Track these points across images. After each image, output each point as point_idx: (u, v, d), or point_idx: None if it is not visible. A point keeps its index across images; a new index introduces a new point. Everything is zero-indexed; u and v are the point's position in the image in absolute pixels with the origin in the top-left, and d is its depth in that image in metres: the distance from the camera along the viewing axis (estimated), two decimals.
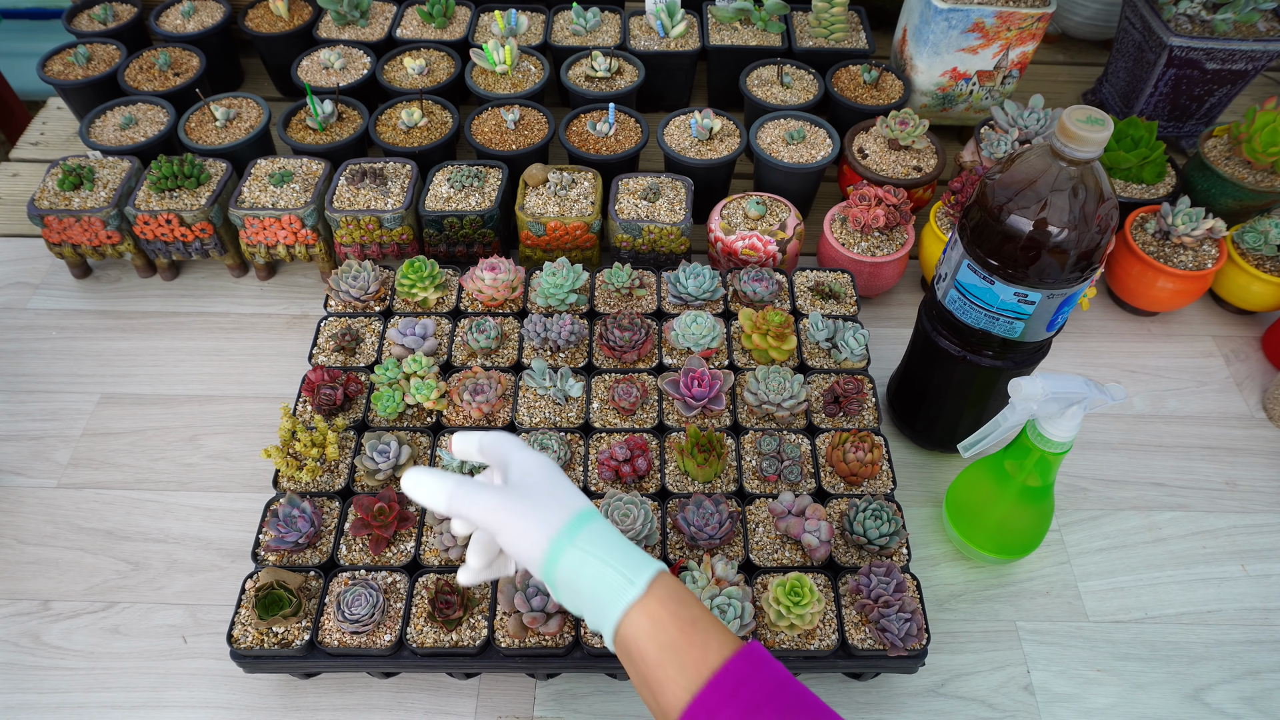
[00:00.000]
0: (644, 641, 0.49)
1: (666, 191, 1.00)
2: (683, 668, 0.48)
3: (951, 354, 0.78)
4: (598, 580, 0.50)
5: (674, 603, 0.50)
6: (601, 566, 0.50)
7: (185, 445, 0.90)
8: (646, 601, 0.49)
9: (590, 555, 0.50)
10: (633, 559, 0.51)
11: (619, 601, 0.49)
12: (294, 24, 1.23)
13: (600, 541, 0.51)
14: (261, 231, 0.98)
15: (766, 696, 0.47)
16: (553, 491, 0.54)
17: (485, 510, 0.53)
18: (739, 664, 0.48)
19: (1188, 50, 1.08)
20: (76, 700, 0.73)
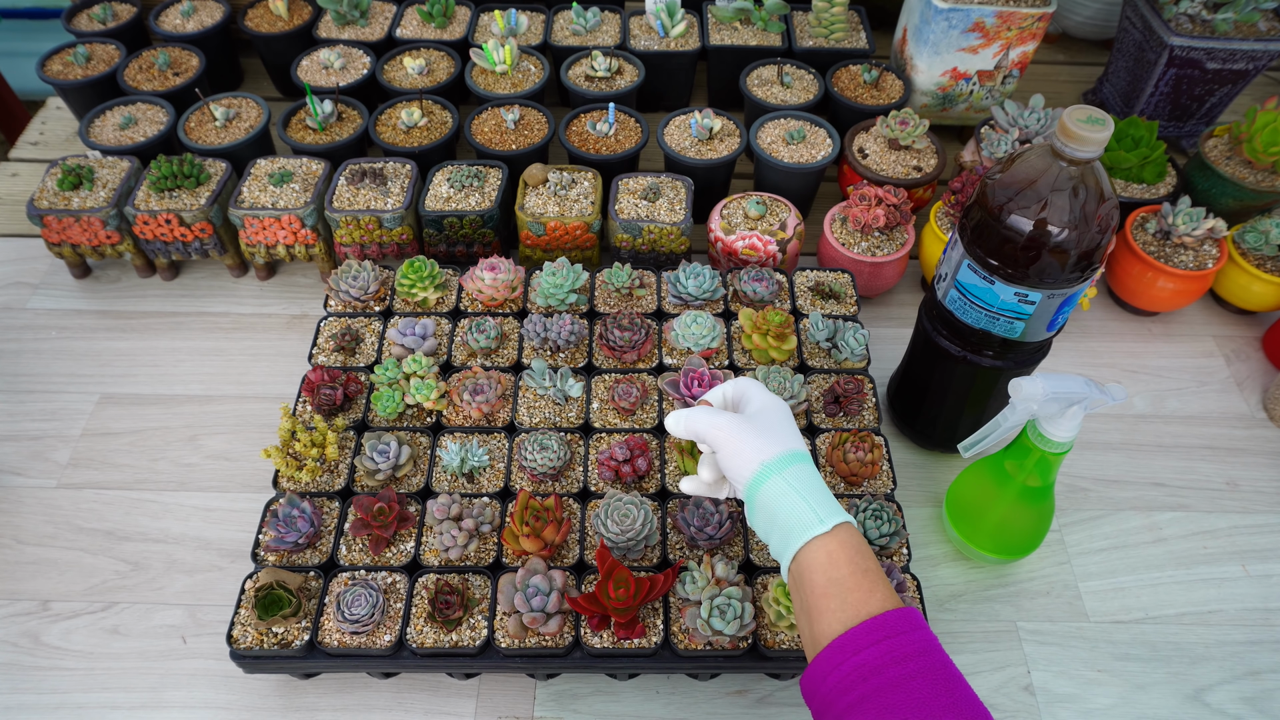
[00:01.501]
0: (816, 573, 0.53)
1: (666, 191, 1.00)
2: (844, 604, 0.52)
3: (951, 354, 0.78)
4: (791, 510, 0.55)
5: (853, 549, 0.54)
6: (798, 500, 0.55)
7: (185, 445, 0.90)
8: (828, 539, 0.54)
9: (791, 488, 0.56)
10: (827, 502, 0.56)
11: (805, 533, 0.54)
12: (294, 24, 1.23)
13: (804, 480, 0.57)
14: (261, 231, 0.98)
15: (913, 653, 0.49)
16: (777, 427, 0.60)
17: (713, 427, 0.60)
18: (897, 618, 0.50)
19: (1188, 50, 1.08)
20: (76, 700, 0.73)
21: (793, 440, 0.59)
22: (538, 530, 0.70)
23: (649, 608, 0.70)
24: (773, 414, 0.61)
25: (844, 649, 0.50)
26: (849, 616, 0.51)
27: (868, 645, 0.49)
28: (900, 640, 0.49)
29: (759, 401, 0.62)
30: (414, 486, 0.78)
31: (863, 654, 0.49)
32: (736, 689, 0.74)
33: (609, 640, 0.68)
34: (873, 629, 0.50)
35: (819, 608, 0.52)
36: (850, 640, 0.50)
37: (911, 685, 0.48)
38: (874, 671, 0.48)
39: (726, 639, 0.67)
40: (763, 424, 0.60)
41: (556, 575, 0.69)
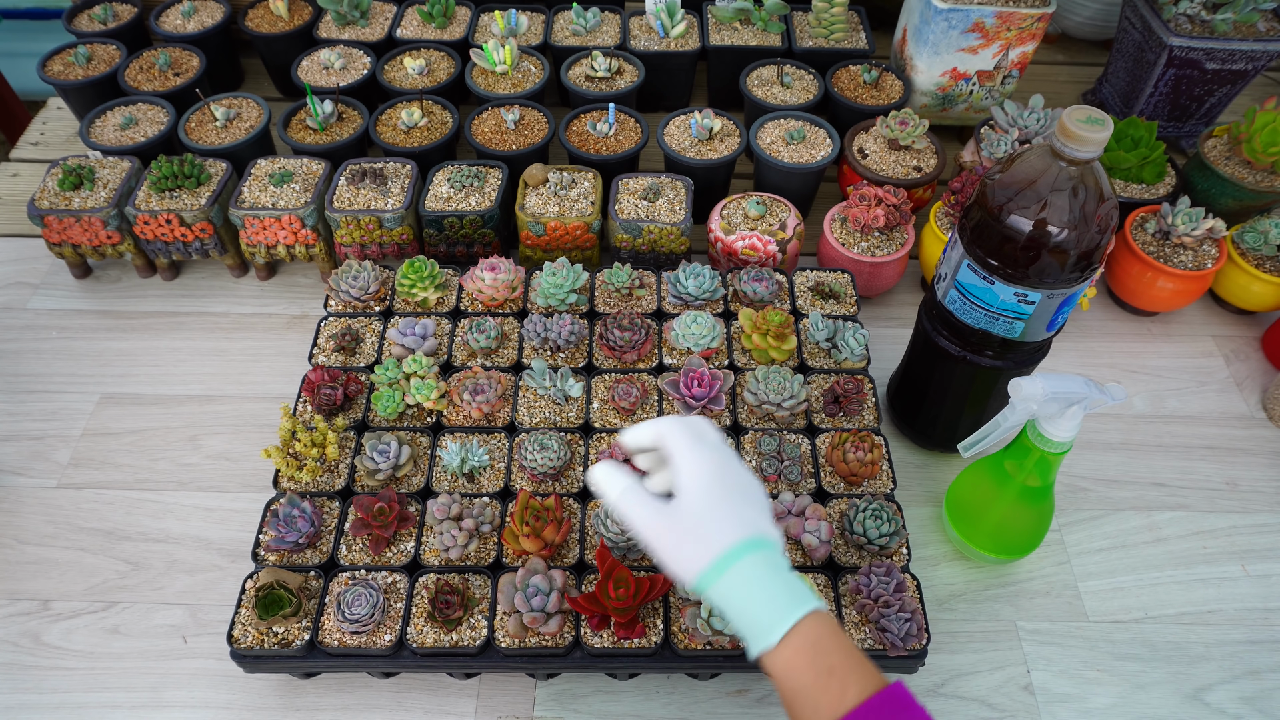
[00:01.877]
0: (780, 682, 0.51)
1: (666, 191, 1.00)
2: (817, 710, 0.49)
3: (951, 354, 0.78)
4: (737, 620, 0.52)
5: (810, 651, 0.50)
6: (740, 612, 0.51)
7: (185, 445, 0.90)
8: (781, 650, 0.50)
9: (734, 596, 0.51)
10: (776, 606, 0.51)
11: (755, 645, 0.51)
12: (294, 24, 1.23)
13: (747, 582, 0.51)
14: (261, 231, 0.98)
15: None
16: (712, 514, 0.53)
17: (642, 526, 0.54)
18: (877, 705, 0.48)
19: (1188, 50, 1.08)
20: (76, 700, 0.73)
21: (729, 530, 0.52)
22: (538, 530, 0.70)
23: (649, 608, 0.70)
24: (702, 493, 0.53)
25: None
26: (831, 715, 0.48)
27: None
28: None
29: (686, 474, 0.54)
30: (414, 486, 0.78)
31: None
32: (736, 689, 0.74)
33: (609, 640, 0.68)
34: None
35: (795, 710, 0.50)
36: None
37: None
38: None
39: (726, 639, 0.67)
40: (694, 515, 0.53)
41: (556, 575, 0.69)
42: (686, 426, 0.56)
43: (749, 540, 0.52)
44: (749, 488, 0.55)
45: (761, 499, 0.56)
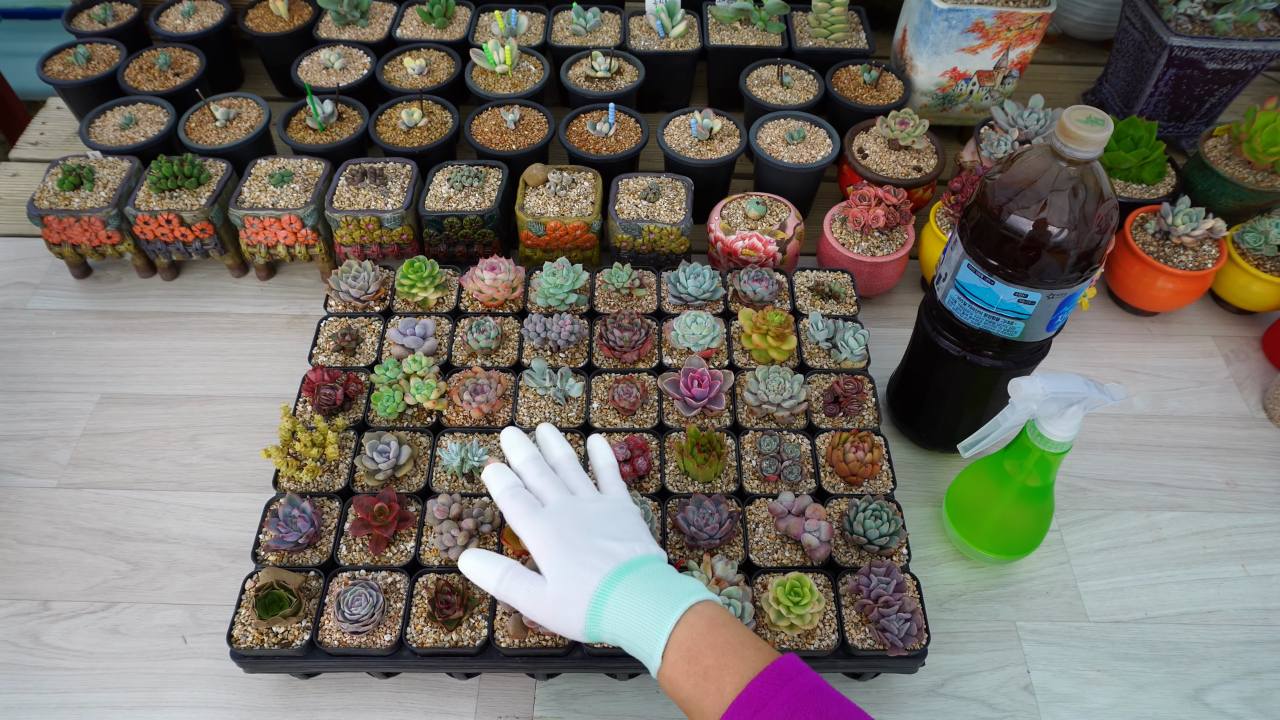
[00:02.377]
0: (673, 697, 0.54)
1: (666, 191, 1.00)
2: (704, 715, 0.51)
3: (951, 354, 0.78)
4: (632, 653, 0.56)
5: (685, 663, 0.52)
6: (630, 646, 0.55)
7: (185, 445, 0.90)
8: (665, 669, 0.53)
9: (619, 636, 0.55)
10: (649, 629, 0.54)
11: (650, 671, 0.55)
12: (294, 24, 1.23)
13: (618, 621, 0.55)
14: (261, 231, 0.98)
15: (790, 710, 0.48)
16: (565, 577, 0.57)
17: (525, 609, 0.59)
18: (758, 687, 0.50)
19: (1188, 50, 1.08)
20: (76, 700, 0.73)
21: (584, 583, 0.56)
22: None
23: None
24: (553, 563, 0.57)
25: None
26: (715, 716, 0.51)
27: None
28: (771, 709, 0.49)
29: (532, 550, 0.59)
30: (414, 486, 0.78)
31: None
32: None
33: None
34: (740, 710, 0.49)
35: (690, 716, 0.53)
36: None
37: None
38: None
39: None
40: (554, 586, 0.57)
41: None
42: (516, 499, 0.61)
43: (609, 576, 0.56)
44: (598, 523, 0.60)
45: (617, 524, 0.60)
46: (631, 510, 0.63)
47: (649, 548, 0.59)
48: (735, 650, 0.52)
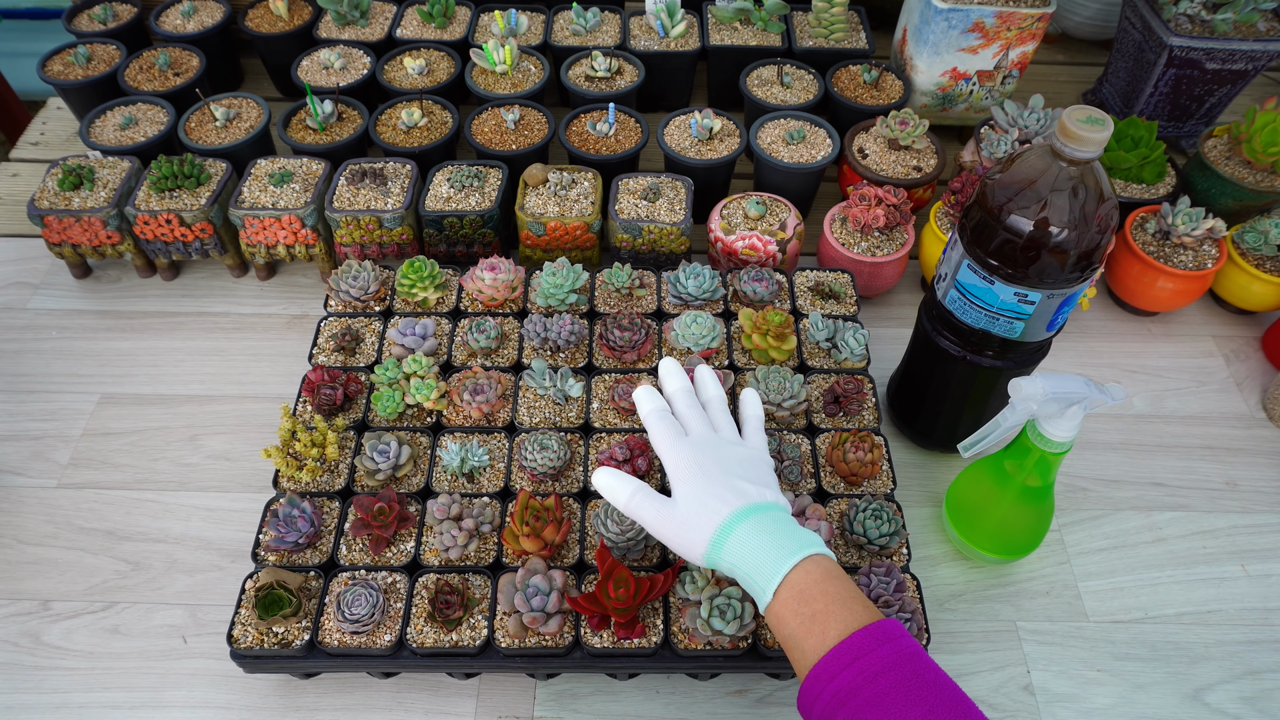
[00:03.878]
0: (775, 631, 0.57)
1: (666, 191, 1.00)
2: (804, 651, 0.54)
3: (951, 354, 0.78)
4: (745, 586, 0.59)
5: (796, 602, 0.55)
6: (743, 576, 0.58)
7: (185, 445, 0.90)
8: (774, 605, 0.56)
9: (735, 565, 0.58)
10: (767, 564, 0.57)
11: (760, 606, 0.58)
12: (294, 24, 1.23)
13: (741, 550, 0.58)
14: (261, 231, 0.98)
15: (884, 669, 0.50)
16: (699, 501, 0.61)
17: (651, 524, 0.63)
18: (860, 639, 0.52)
19: (1188, 50, 1.08)
20: (76, 700, 0.73)
21: (717, 510, 0.60)
22: (538, 530, 0.70)
23: (649, 608, 0.70)
24: (688, 487, 0.62)
25: (819, 678, 0.52)
26: (813, 656, 0.53)
27: (839, 670, 0.51)
28: (869, 660, 0.51)
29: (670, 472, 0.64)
30: (414, 486, 0.78)
31: (837, 680, 0.51)
32: (736, 689, 0.74)
33: (609, 640, 0.68)
34: (839, 655, 0.52)
35: (791, 658, 0.56)
36: (824, 669, 0.52)
37: (886, 701, 0.49)
38: (850, 694, 0.50)
39: (726, 639, 0.67)
40: (685, 508, 0.61)
41: (556, 575, 0.69)
42: (663, 422, 0.67)
43: (738, 512, 0.59)
44: (735, 464, 0.63)
45: (753, 470, 0.63)
46: (768, 463, 0.66)
47: (778, 498, 0.62)
48: (845, 602, 0.54)
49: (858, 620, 0.53)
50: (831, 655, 0.52)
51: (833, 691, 0.51)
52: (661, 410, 0.68)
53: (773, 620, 0.56)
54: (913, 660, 0.51)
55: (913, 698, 0.49)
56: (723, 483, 0.61)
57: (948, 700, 0.50)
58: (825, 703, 0.51)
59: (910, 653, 0.51)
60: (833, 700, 0.51)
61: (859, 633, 0.52)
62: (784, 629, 0.55)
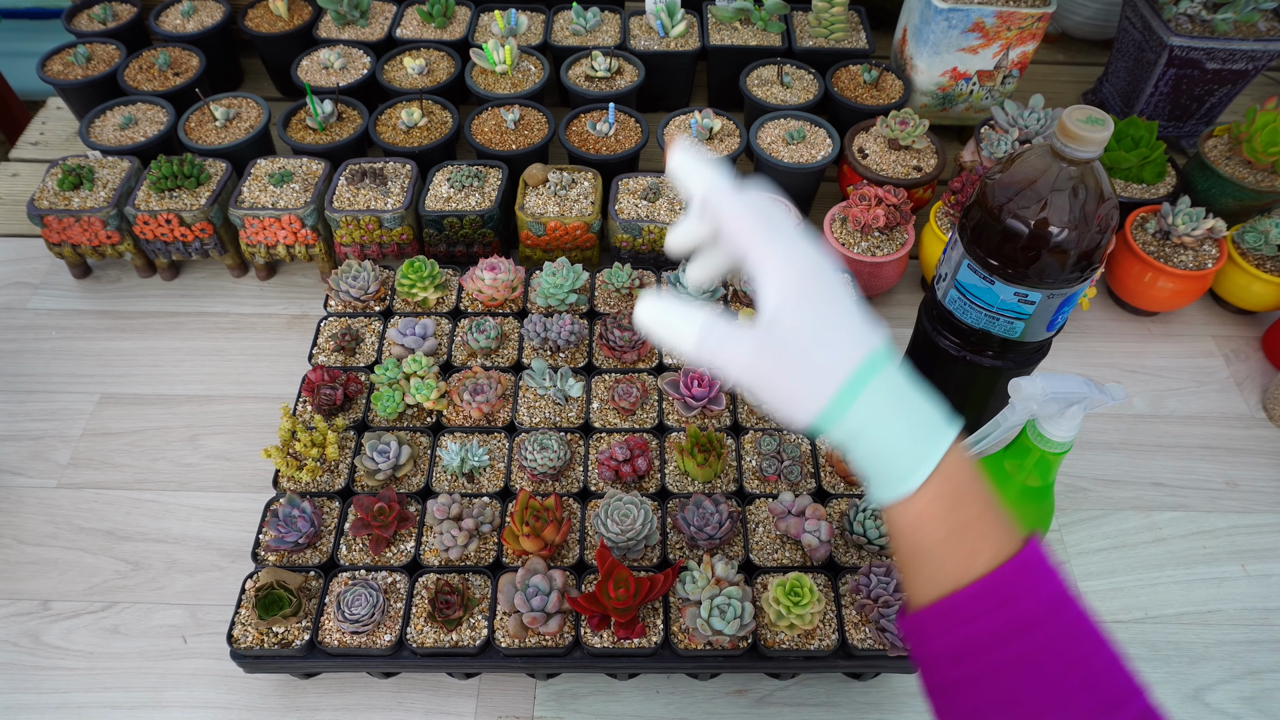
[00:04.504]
0: (902, 539, 0.43)
1: (666, 191, 1.00)
2: (941, 571, 0.42)
3: (951, 354, 0.78)
4: (866, 465, 0.42)
5: (949, 503, 0.41)
6: (875, 450, 0.42)
7: (185, 445, 0.90)
8: (917, 500, 0.41)
9: (865, 433, 0.41)
10: (914, 442, 0.41)
11: (884, 495, 0.42)
12: (294, 24, 1.23)
13: (877, 415, 0.41)
14: (261, 231, 0.98)
15: (1034, 620, 0.40)
16: (822, 334, 0.41)
17: (742, 368, 0.42)
18: (1012, 575, 0.41)
19: (1188, 50, 1.08)
20: (76, 700, 0.73)
21: (847, 351, 0.41)
22: (538, 530, 0.70)
23: (649, 608, 0.70)
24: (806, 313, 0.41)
25: (948, 616, 0.41)
26: (951, 583, 0.41)
27: (978, 614, 0.40)
28: (1018, 606, 0.40)
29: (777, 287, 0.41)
30: (414, 486, 0.78)
31: (974, 623, 0.40)
32: (736, 689, 0.74)
33: (609, 640, 0.68)
34: (982, 594, 0.40)
35: (913, 570, 0.43)
36: (956, 607, 0.41)
37: (1035, 661, 0.39)
38: (988, 646, 0.40)
39: (726, 639, 0.67)
40: (798, 345, 0.41)
41: (556, 575, 0.69)
42: (754, 211, 0.42)
43: (871, 359, 0.42)
44: (844, 288, 0.43)
45: (855, 298, 0.44)
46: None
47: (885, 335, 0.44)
48: (994, 511, 0.42)
49: (1008, 543, 0.41)
50: (978, 588, 0.40)
51: (969, 635, 0.40)
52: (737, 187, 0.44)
53: (909, 520, 0.42)
54: (1068, 605, 0.41)
55: (1069, 657, 0.39)
56: (843, 313, 0.42)
57: (1104, 666, 0.40)
58: (956, 644, 0.41)
59: (1064, 596, 0.41)
60: (967, 644, 0.40)
61: (1012, 564, 0.41)
62: (920, 536, 0.42)
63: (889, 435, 0.41)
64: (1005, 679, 0.40)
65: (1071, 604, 0.41)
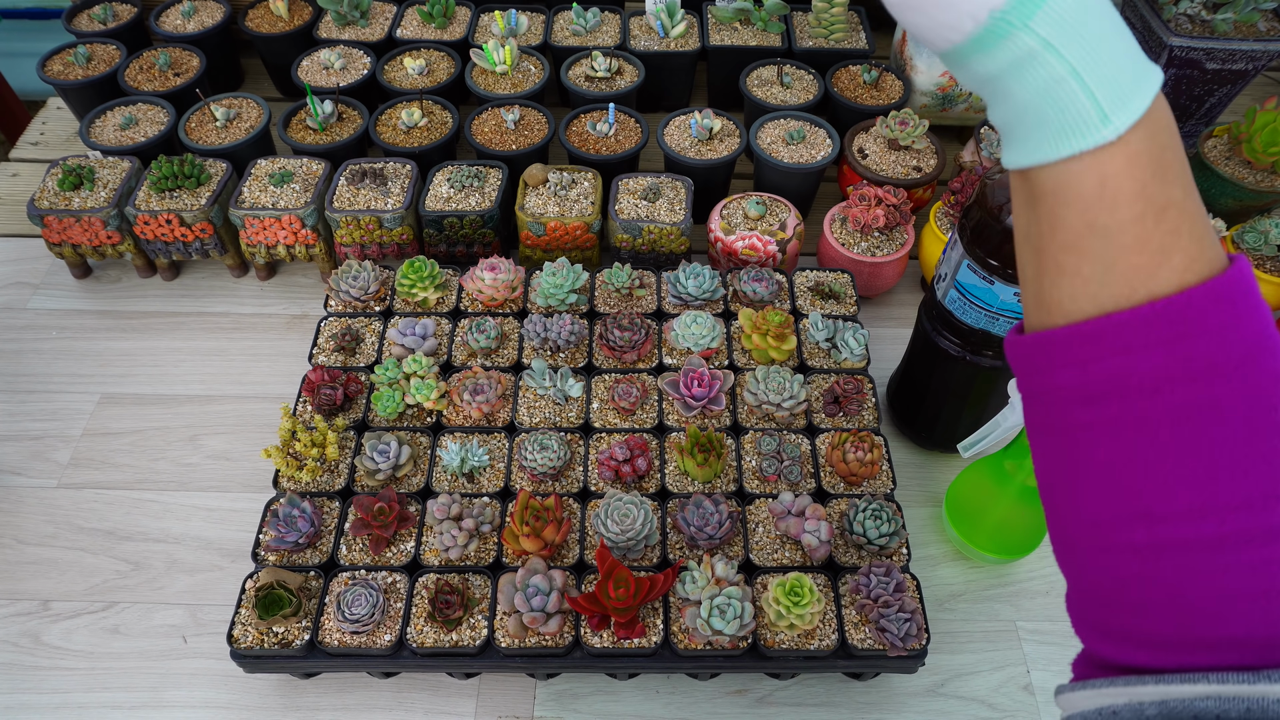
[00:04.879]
0: (1071, 211, 0.31)
1: (666, 191, 1.00)
2: (1110, 270, 0.31)
3: (951, 354, 0.78)
4: (1041, 102, 0.31)
5: (1149, 169, 0.31)
6: (1054, 82, 0.31)
7: (185, 445, 0.90)
8: (1109, 155, 0.31)
9: (1050, 48, 0.30)
10: (1116, 77, 0.30)
11: (1065, 141, 0.31)
12: (294, 24, 1.23)
13: (1069, 26, 0.30)
14: (261, 231, 0.98)
15: (1225, 365, 0.30)
16: None
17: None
18: (1203, 302, 0.31)
19: (1188, 50, 1.08)
20: (76, 700, 0.73)
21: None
22: (538, 530, 0.70)
23: (649, 608, 0.70)
24: None
25: (1100, 339, 0.31)
26: (1119, 292, 0.31)
27: (1147, 344, 0.31)
28: (1203, 344, 0.30)
29: None
30: (414, 486, 0.78)
31: (1136, 356, 0.31)
32: (736, 689, 0.74)
33: (609, 640, 0.68)
34: (1159, 318, 0.31)
35: (1070, 261, 0.32)
36: (1117, 329, 0.31)
37: (1207, 419, 0.31)
38: (1148, 388, 0.31)
39: (726, 639, 0.67)
40: None
41: (556, 575, 0.69)
42: None
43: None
44: None
45: None
46: None
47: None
48: (1198, 206, 0.32)
49: (1207, 254, 0.31)
50: (1156, 310, 0.31)
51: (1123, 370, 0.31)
52: None
53: (1088, 185, 0.31)
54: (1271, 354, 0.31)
55: (1259, 423, 0.31)
56: None
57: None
58: (1102, 378, 0.32)
59: (1267, 341, 0.31)
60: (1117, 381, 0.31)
61: (1209, 286, 0.31)
62: (1103, 208, 0.31)
63: (1088, 55, 0.30)
64: (1162, 436, 0.31)
65: (1275, 354, 0.31)
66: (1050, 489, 0.36)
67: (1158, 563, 0.32)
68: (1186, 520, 0.31)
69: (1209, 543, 0.31)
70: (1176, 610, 0.32)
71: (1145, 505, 0.32)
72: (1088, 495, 0.34)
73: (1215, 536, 0.31)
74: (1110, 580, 0.34)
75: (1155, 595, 0.33)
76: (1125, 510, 0.33)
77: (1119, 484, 0.33)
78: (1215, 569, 0.31)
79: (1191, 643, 0.32)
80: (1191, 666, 0.32)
